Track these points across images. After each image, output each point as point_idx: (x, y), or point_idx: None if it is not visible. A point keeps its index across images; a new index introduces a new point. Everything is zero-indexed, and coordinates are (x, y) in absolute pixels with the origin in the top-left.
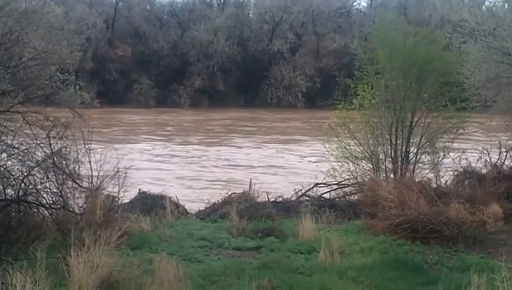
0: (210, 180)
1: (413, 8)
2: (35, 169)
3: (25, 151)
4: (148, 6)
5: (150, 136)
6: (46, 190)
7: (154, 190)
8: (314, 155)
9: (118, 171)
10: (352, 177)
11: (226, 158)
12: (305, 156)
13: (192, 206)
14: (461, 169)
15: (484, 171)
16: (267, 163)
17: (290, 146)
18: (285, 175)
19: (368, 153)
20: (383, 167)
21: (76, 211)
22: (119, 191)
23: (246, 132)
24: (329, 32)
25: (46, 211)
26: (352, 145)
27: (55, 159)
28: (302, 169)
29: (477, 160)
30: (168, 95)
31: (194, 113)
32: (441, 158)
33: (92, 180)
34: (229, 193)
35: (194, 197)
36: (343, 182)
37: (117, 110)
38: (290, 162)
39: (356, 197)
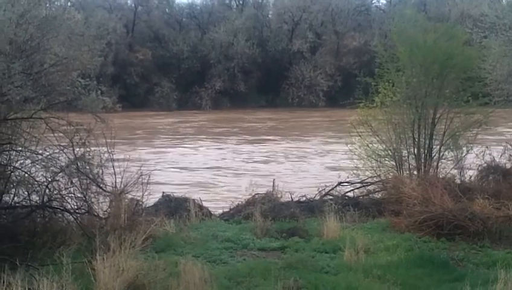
0: (233, 181)
1: (432, 4)
2: (59, 175)
3: (49, 157)
4: (167, 10)
5: (170, 139)
6: (70, 195)
7: (178, 192)
8: (335, 153)
9: (141, 175)
10: (375, 175)
11: (246, 158)
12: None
13: (216, 208)
14: (485, 164)
15: (508, 166)
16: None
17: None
18: (308, 174)
19: (390, 151)
20: (406, 164)
21: (101, 215)
22: (142, 194)
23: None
24: (349, 31)
25: (70, 216)
26: (375, 143)
27: (78, 164)
28: (323, 168)
29: (501, 155)
30: (190, 97)
31: (215, 114)
32: (464, 154)
33: (115, 185)
34: (253, 194)
35: (218, 199)
36: (366, 180)
37: (139, 114)
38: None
39: (380, 195)
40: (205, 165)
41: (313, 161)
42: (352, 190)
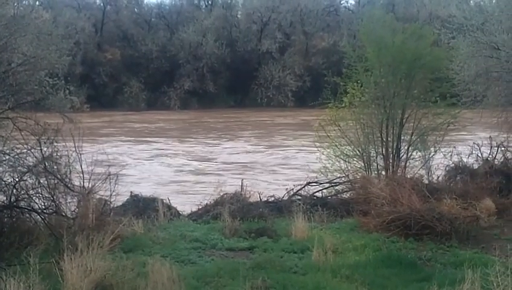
0: (201, 182)
1: (401, 4)
2: (27, 174)
3: (16, 157)
4: (136, 9)
5: (137, 139)
6: (38, 195)
7: (145, 192)
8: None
9: (109, 175)
10: (344, 175)
11: (213, 158)
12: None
13: (184, 208)
14: (453, 165)
15: (476, 166)
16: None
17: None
18: (276, 174)
19: (359, 151)
20: (375, 164)
21: (69, 215)
22: (110, 194)
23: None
24: (318, 31)
25: (38, 216)
26: (344, 144)
27: (46, 164)
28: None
29: (469, 155)
30: (158, 97)
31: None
32: (432, 154)
33: (83, 185)
34: (221, 194)
35: (186, 199)
36: (335, 181)
37: (107, 114)
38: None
39: (348, 195)
40: None
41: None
42: (321, 190)
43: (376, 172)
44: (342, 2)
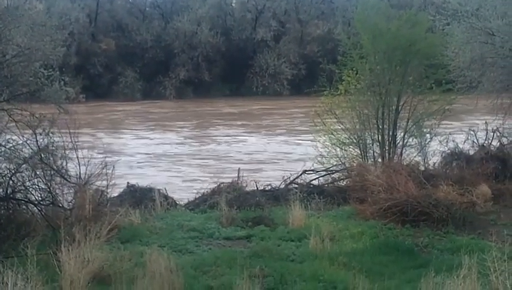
0: (197, 171)
1: None
2: (23, 166)
3: (12, 148)
4: None
5: (131, 130)
6: (34, 186)
7: (142, 182)
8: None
9: (105, 165)
10: (340, 163)
11: (208, 148)
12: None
13: (181, 198)
14: (448, 151)
15: (471, 152)
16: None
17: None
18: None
19: (355, 138)
20: (371, 151)
21: (66, 206)
22: (107, 185)
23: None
24: (313, 19)
25: (35, 208)
26: (339, 132)
27: (42, 155)
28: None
29: (464, 141)
30: (154, 87)
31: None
32: (428, 141)
33: (80, 175)
34: (218, 183)
35: (183, 188)
36: (331, 168)
37: (102, 104)
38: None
39: (345, 182)
40: None
41: None
42: (317, 178)
43: (372, 159)
44: None
